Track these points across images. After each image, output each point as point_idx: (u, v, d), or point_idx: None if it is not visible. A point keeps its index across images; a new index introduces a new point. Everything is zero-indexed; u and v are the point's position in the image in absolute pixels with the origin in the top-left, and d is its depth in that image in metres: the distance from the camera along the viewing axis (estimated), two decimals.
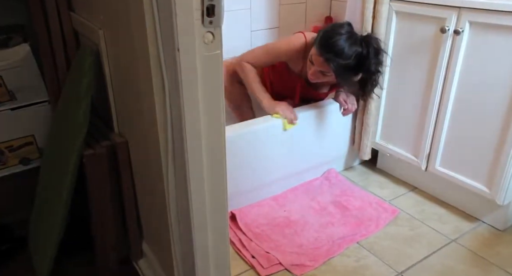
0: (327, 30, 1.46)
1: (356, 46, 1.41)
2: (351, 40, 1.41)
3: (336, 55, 1.40)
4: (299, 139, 1.67)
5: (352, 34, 1.43)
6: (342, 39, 1.40)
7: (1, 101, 1.37)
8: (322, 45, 1.43)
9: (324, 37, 1.43)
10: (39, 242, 1.30)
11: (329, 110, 1.71)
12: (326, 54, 1.41)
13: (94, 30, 1.19)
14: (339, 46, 1.39)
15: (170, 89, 0.83)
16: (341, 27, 1.44)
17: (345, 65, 1.40)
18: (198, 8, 0.76)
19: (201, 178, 0.89)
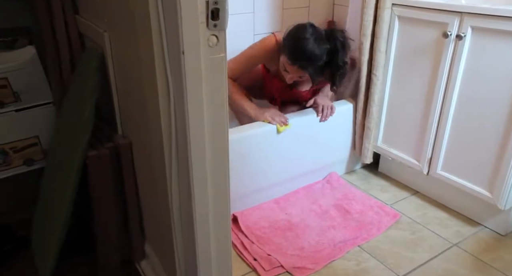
0: (292, 36, 1.45)
1: (323, 44, 1.42)
2: (318, 39, 1.42)
3: (308, 61, 1.42)
4: (301, 142, 1.68)
5: (317, 34, 1.43)
6: (310, 43, 1.41)
7: (6, 102, 1.38)
8: (292, 53, 1.43)
9: (292, 45, 1.43)
10: (42, 242, 1.31)
11: None
12: (299, 62, 1.43)
13: (99, 32, 1.20)
14: (309, 51, 1.41)
15: (174, 91, 0.84)
16: (305, 31, 1.43)
17: (319, 66, 1.44)
18: (203, 11, 0.77)
19: (204, 180, 0.90)
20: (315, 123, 1.69)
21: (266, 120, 1.57)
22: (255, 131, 1.54)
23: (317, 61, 1.43)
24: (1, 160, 1.41)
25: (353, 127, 1.84)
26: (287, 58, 1.45)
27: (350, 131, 1.85)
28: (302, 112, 1.69)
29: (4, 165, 1.42)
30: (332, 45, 1.44)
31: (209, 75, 0.82)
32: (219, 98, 0.86)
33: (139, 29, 0.89)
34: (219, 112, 0.87)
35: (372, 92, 1.70)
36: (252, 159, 1.57)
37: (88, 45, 1.39)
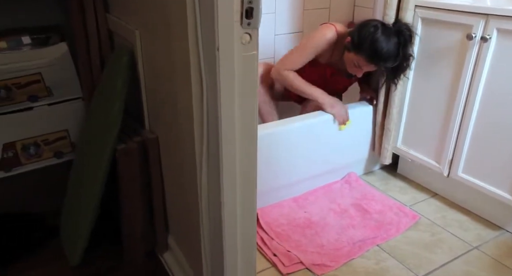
0: (366, 36, 1.49)
1: (393, 39, 1.49)
2: (389, 37, 1.49)
3: (387, 60, 1.51)
4: (320, 142, 1.70)
5: (387, 31, 1.50)
6: (385, 43, 1.48)
7: (40, 96, 1.43)
8: (371, 55, 1.50)
9: (369, 47, 1.49)
10: (71, 232, 1.35)
11: (353, 113, 1.73)
12: (376, 61, 1.51)
13: (130, 30, 1.24)
14: (387, 51, 1.49)
15: (208, 87, 0.87)
16: (378, 30, 1.49)
17: (393, 63, 1.53)
18: (238, 10, 0.80)
19: (233, 176, 0.92)
20: (335, 123, 1.70)
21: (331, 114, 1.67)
22: (276, 129, 1.57)
23: (395, 58, 1.51)
24: (34, 152, 1.46)
25: (373, 128, 1.85)
26: (365, 58, 1.52)
27: (369, 132, 1.86)
28: (322, 112, 1.70)
29: (36, 156, 1.47)
30: (401, 39, 1.50)
31: (241, 72, 0.85)
32: (250, 94, 0.88)
33: (175, 26, 0.92)
34: (249, 107, 0.89)
35: (392, 93, 1.71)
36: (273, 157, 1.59)
37: (118, 42, 1.44)
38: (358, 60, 1.55)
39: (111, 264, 1.35)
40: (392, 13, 1.59)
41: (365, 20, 1.56)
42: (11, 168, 1.44)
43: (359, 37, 1.52)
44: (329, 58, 1.69)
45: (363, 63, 1.54)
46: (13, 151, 1.42)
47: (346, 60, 1.62)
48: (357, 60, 1.55)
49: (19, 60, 1.36)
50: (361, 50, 1.51)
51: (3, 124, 1.39)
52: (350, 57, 1.58)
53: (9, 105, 1.39)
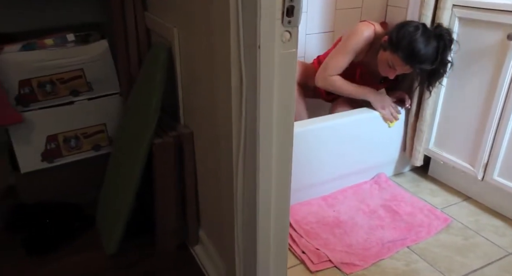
0: (405, 37, 1.48)
1: (433, 43, 1.47)
2: (429, 40, 1.46)
3: (423, 62, 1.48)
4: (351, 142, 1.69)
5: (427, 34, 1.47)
6: (424, 44, 1.46)
7: (81, 91, 1.50)
8: (407, 56, 1.48)
9: (407, 47, 1.47)
10: (108, 223, 1.41)
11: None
12: (413, 63, 1.49)
13: (168, 28, 1.28)
14: (424, 53, 1.47)
15: (247, 83, 0.89)
16: (417, 31, 1.47)
17: (429, 66, 1.51)
18: (279, 8, 0.82)
19: (269, 170, 0.94)
20: (366, 123, 1.70)
21: (381, 115, 1.67)
22: (307, 128, 1.57)
23: (429, 62, 1.49)
24: (74, 144, 1.53)
25: (404, 129, 1.83)
26: (401, 58, 1.50)
27: (400, 133, 1.84)
28: (353, 112, 1.70)
29: (76, 149, 1.54)
30: (441, 44, 1.48)
31: (281, 69, 0.87)
32: (288, 91, 0.90)
33: (216, 24, 0.94)
34: (287, 104, 0.91)
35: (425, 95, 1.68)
36: (303, 155, 1.60)
37: (155, 40, 1.48)
38: (393, 59, 1.53)
39: (144, 254, 1.40)
40: (429, 13, 1.56)
41: (405, 21, 1.55)
42: (54, 159, 1.51)
43: (397, 36, 1.50)
44: (363, 57, 1.68)
45: (397, 63, 1.52)
46: (55, 143, 1.49)
47: (380, 60, 1.60)
48: (392, 60, 1.53)
49: (64, 56, 1.42)
50: (398, 49, 1.49)
51: (47, 117, 1.46)
52: (385, 56, 1.56)
53: (53, 99, 1.46)
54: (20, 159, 1.45)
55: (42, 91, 1.44)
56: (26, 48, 1.39)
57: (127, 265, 1.36)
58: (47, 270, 1.34)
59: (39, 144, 1.47)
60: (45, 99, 1.45)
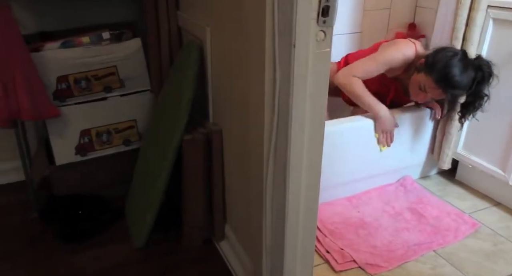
0: (442, 61, 1.45)
1: (470, 72, 1.44)
2: (466, 68, 1.44)
3: (454, 88, 1.45)
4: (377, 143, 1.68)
5: (465, 62, 1.45)
6: (459, 70, 1.43)
7: (114, 87, 1.55)
8: (441, 80, 1.45)
9: (442, 71, 1.44)
10: (137, 216, 1.45)
11: (410, 117, 1.70)
12: (445, 86, 1.46)
13: (201, 27, 1.31)
14: (459, 80, 1.44)
15: (281, 81, 0.90)
16: (455, 57, 1.45)
17: (461, 93, 1.48)
18: (315, 8, 0.83)
19: (300, 168, 0.95)
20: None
21: (376, 135, 1.64)
22: (333, 128, 1.57)
23: (462, 89, 1.47)
24: (106, 139, 1.58)
25: (433, 132, 1.80)
26: (434, 81, 1.46)
27: (427, 136, 1.81)
28: None
29: (107, 143, 1.59)
30: (478, 75, 1.45)
31: (314, 68, 0.88)
32: (320, 90, 0.91)
33: (251, 23, 0.96)
34: (319, 103, 0.92)
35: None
36: (328, 155, 1.59)
37: (186, 38, 1.51)
38: (426, 81, 1.49)
39: (171, 248, 1.44)
40: (465, 14, 1.54)
41: (445, 46, 1.52)
42: (87, 152, 1.56)
43: (434, 58, 1.47)
44: (398, 75, 1.64)
45: (430, 86, 1.48)
46: (88, 137, 1.55)
47: (412, 82, 1.56)
48: (424, 82, 1.49)
49: (100, 53, 1.47)
50: (433, 71, 1.46)
51: (81, 112, 1.51)
52: (418, 78, 1.52)
53: (88, 95, 1.51)
54: (56, 152, 1.51)
55: (78, 87, 1.49)
56: (64, 45, 1.45)
57: (154, 257, 1.40)
58: (78, 259, 1.39)
59: (74, 138, 1.53)
60: (80, 95, 1.51)
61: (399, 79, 1.67)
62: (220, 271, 1.35)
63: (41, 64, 1.40)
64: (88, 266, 1.36)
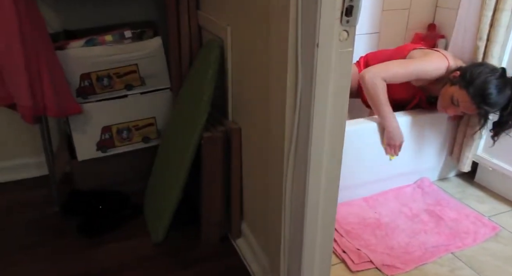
0: (479, 77, 1.44)
1: (507, 91, 1.43)
2: (504, 87, 1.43)
3: (489, 105, 1.44)
4: None
5: (504, 80, 1.44)
6: (497, 89, 1.42)
7: (135, 85, 1.57)
8: (477, 95, 1.43)
9: (479, 88, 1.43)
10: (155, 212, 1.47)
11: (430, 118, 1.69)
12: (480, 102, 1.44)
13: (222, 26, 1.32)
14: (495, 99, 1.43)
15: (303, 81, 0.91)
16: (493, 73, 1.43)
17: (494, 111, 1.47)
18: (339, 8, 0.83)
19: (320, 168, 0.96)
20: (410, 126, 1.67)
21: (383, 144, 1.63)
22: (350, 128, 1.57)
23: (496, 108, 1.47)
24: (126, 136, 1.61)
25: (452, 134, 1.78)
26: (470, 95, 1.45)
27: (447, 137, 1.79)
28: (398, 114, 1.68)
29: (127, 140, 1.62)
30: None
31: (337, 67, 0.88)
32: (342, 90, 0.91)
33: (274, 23, 0.97)
34: (340, 103, 0.92)
35: None
36: (346, 155, 1.59)
37: (206, 38, 1.53)
38: (460, 95, 1.47)
39: (188, 244, 1.45)
40: (489, 13, 1.51)
41: (483, 61, 1.51)
42: (107, 149, 1.59)
43: (472, 72, 1.45)
44: (425, 84, 1.62)
45: (463, 100, 1.46)
46: (109, 134, 1.58)
47: (444, 94, 1.53)
48: (458, 96, 1.47)
49: (122, 52, 1.50)
50: (469, 86, 1.44)
51: (103, 109, 1.54)
52: (450, 91, 1.50)
53: (109, 92, 1.54)
54: (78, 148, 1.55)
55: (100, 85, 1.52)
56: (88, 43, 1.48)
57: (171, 253, 1.42)
58: (98, 253, 1.42)
59: (95, 134, 1.56)
60: (102, 92, 1.54)
61: (424, 88, 1.65)
62: (237, 267, 1.37)
63: (66, 62, 1.43)
64: (107, 260, 1.39)
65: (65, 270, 1.34)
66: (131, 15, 1.71)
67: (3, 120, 1.70)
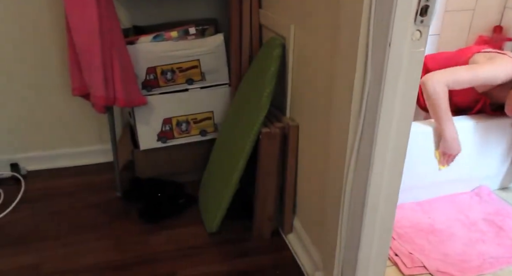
0: None
1: None
2: None
3: None
4: None
5: None
6: None
7: (195, 80, 1.64)
8: None
9: None
10: (210, 203, 1.53)
11: (494, 124, 1.62)
12: None
13: (285, 24, 1.35)
14: None
15: (371, 80, 0.91)
16: None
17: None
18: (414, 8, 0.83)
19: (382, 169, 0.96)
20: (471, 132, 1.60)
21: (437, 154, 1.58)
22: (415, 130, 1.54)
23: None
24: (184, 128, 1.68)
25: None
26: None
27: (510, 145, 1.71)
28: (458, 118, 1.62)
29: (186, 132, 1.69)
30: None
31: (408, 67, 0.88)
32: (411, 91, 0.91)
33: (344, 20, 0.97)
34: (408, 104, 0.92)
35: None
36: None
37: (267, 36, 1.56)
38: None
39: (240, 236, 1.50)
40: None
41: None
42: (167, 140, 1.67)
43: None
44: (489, 89, 1.55)
45: None
46: (170, 126, 1.66)
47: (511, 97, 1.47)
48: None
49: (186, 47, 1.57)
50: None
51: (165, 102, 1.62)
52: None
53: (172, 85, 1.62)
54: (141, 138, 1.64)
55: (164, 78, 1.60)
56: (155, 39, 1.56)
57: (224, 243, 1.47)
58: (154, 238, 1.49)
59: (157, 125, 1.64)
60: (165, 85, 1.61)
61: (489, 93, 1.58)
62: (287, 262, 1.39)
63: (134, 56, 1.52)
64: (163, 245, 1.47)
65: (125, 251, 1.43)
66: (194, 13, 1.78)
67: (75, 110, 1.84)
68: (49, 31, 1.69)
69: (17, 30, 1.66)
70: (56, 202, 1.66)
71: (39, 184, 1.77)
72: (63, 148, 1.89)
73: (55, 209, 1.62)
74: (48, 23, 1.68)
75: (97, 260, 1.39)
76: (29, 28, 1.67)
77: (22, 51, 1.70)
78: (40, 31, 1.68)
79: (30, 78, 1.74)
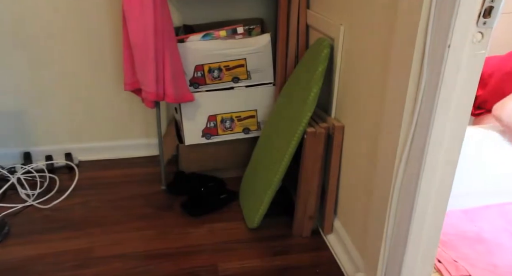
0: None
1: None
2: None
3: None
4: (503, 156, 1.55)
5: None
6: None
7: (241, 78, 1.67)
8: None
9: None
10: (252, 200, 1.56)
11: None
12: None
13: (334, 25, 1.35)
14: None
15: (426, 83, 0.90)
16: None
17: None
18: (477, 9, 0.81)
19: (433, 174, 0.94)
20: None
21: None
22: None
23: None
24: (228, 125, 1.72)
25: None
26: None
27: None
28: None
29: (229, 130, 1.73)
30: None
31: (467, 70, 0.86)
32: (469, 94, 0.89)
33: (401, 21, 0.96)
34: (465, 109, 0.90)
35: None
36: None
37: (314, 36, 1.57)
38: None
39: (281, 233, 1.51)
40: None
41: None
42: (211, 136, 1.72)
43: None
44: None
45: None
46: (214, 122, 1.70)
47: None
48: None
49: (233, 46, 1.60)
50: None
51: (211, 99, 1.67)
52: None
53: (218, 83, 1.66)
54: (186, 133, 1.69)
55: (211, 76, 1.64)
56: (205, 38, 1.60)
57: (264, 240, 1.49)
58: (196, 231, 1.54)
59: (202, 122, 1.69)
60: (212, 83, 1.66)
61: None
62: (327, 261, 1.39)
63: (184, 54, 1.57)
64: (204, 238, 1.51)
65: (168, 241, 1.49)
66: (240, 13, 1.82)
67: (125, 104, 1.92)
68: (104, 34, 1.78)
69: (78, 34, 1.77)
70: (104, 192, 1.74)
71: (90, 174, 1.86)
72: (112, 141, 1.98)
73: (104, 198, 1.71)
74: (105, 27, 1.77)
75: (142, 248, 1.45)
76: (88, 32, 1.77)
77: (80, 51, 1.80)
78: (97, 34, 1.78)
79: (86, 76, 1.84)
